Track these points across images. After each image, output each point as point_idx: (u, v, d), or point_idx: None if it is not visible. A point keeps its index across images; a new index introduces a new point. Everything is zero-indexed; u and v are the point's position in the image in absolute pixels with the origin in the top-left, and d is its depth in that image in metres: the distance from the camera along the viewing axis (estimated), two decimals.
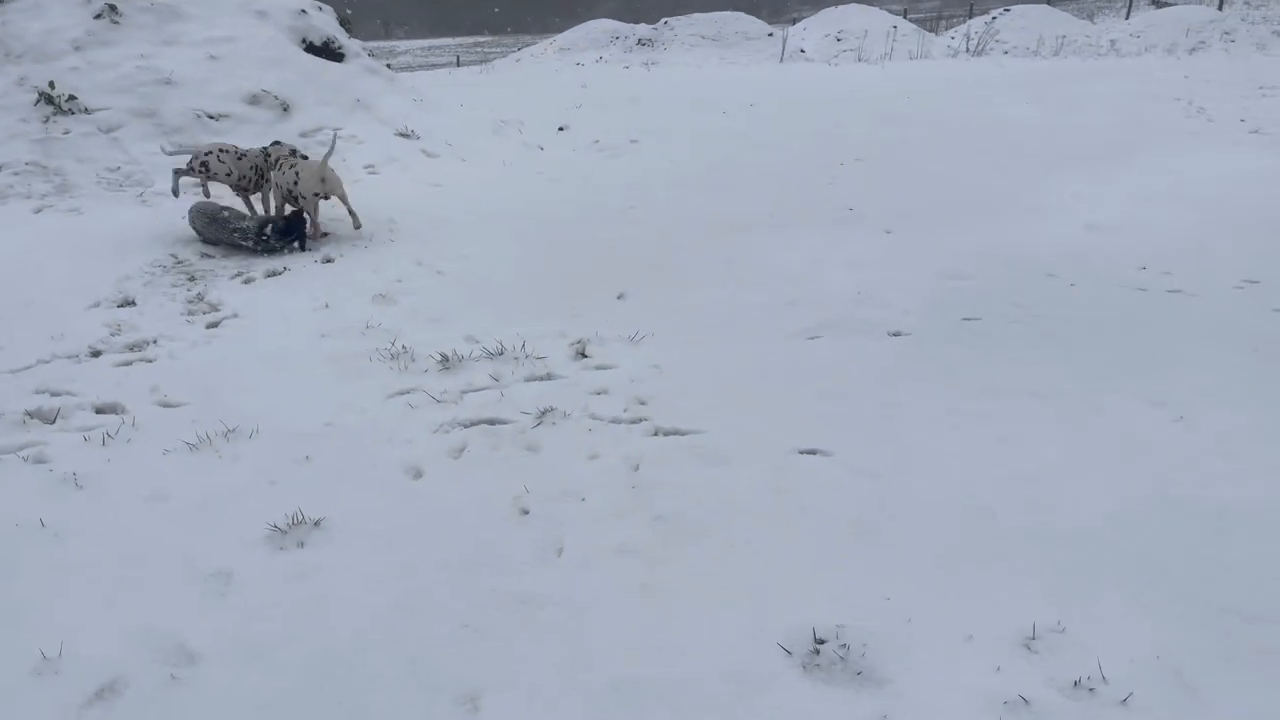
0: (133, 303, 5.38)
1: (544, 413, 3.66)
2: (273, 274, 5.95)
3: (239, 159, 6.82)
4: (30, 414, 3.71)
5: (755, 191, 8.26)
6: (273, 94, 9.48)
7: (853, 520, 2.90)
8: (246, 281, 5.82)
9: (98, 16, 9.56)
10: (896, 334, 4.61)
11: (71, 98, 8.61)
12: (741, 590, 2.57)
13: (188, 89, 9.20)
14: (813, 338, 4.57)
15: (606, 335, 4.58)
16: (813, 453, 3.35)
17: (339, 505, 3.02)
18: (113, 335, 4.82)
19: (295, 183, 6.47)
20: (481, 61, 34.77)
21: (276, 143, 7.06)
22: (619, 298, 5.34)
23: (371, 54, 12.60)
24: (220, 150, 6.76)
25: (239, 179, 6.83)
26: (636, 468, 3.24)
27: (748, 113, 14.01)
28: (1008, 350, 4.32)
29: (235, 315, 5.11)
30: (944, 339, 4.51)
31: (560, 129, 12.49)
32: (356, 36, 14.38)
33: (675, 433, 3.52)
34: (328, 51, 10.82)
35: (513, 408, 3.75)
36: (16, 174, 7.87)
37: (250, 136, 9.01)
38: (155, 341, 4.69)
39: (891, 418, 3.67)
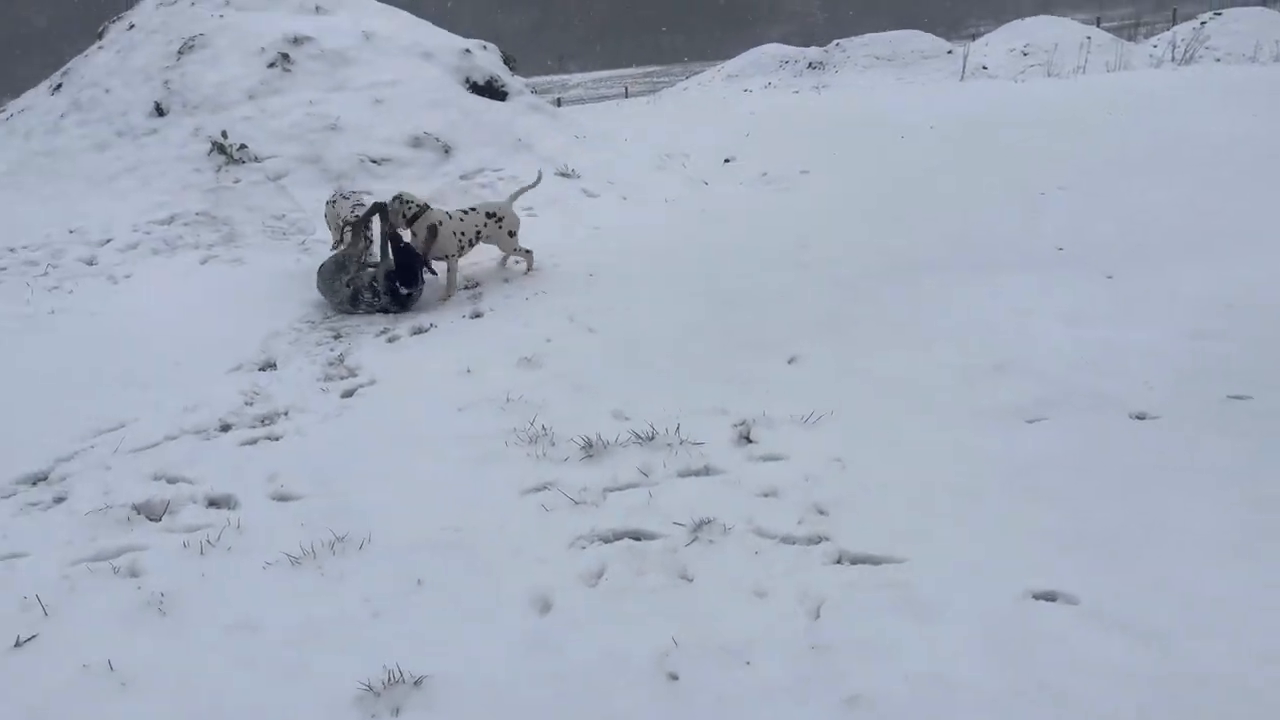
0: (274, 365, 5.12)
1: (700, 525, 3.00)
2: (419, 331, 5.59)
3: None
4: (138, 509, 3.37)
5: (942, 226, 7.37)
6: (434, 136, 9.33)
7: (1123, 716, 2.09)
8: (390, 340, 5.47)
9: (271, 65, 9.71)
10: (1141, 416, 3.70)
11: (242, 146, 8.71)
12: None
13: (353, 134, 9.18)
14: (1033, 420, 3.72)
15: (775, 414, 3.88)
16: (1051, 597, 2.55)
17: (448, 651, 2.47)
18: (246, 405, 4.52)
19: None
20: (650, 92, 34.82)
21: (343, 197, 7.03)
22: (790, 362, 4.64)
23: (535, 90, 12.45)
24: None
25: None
26: (817, 613, 2.54)
27: (927, 136, 12.97)
28: None
29: (372, 382, 4.74)
30: (1207, 424, 3.56)
31: (726, 161, 11.89)
32: (531, 72, 14.34)
33: (866, 560, 2.79)
34: (490, 90, 10.66)
35: (662, 516, 3.11)
36: (187, 224, 7.96)
37: (411, 180, 8.87)
38: (286, 414, 4.35)
39: (1153, 540, 2.80)
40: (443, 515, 3.24)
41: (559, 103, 25.05)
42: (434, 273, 6.09)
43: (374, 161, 8.95)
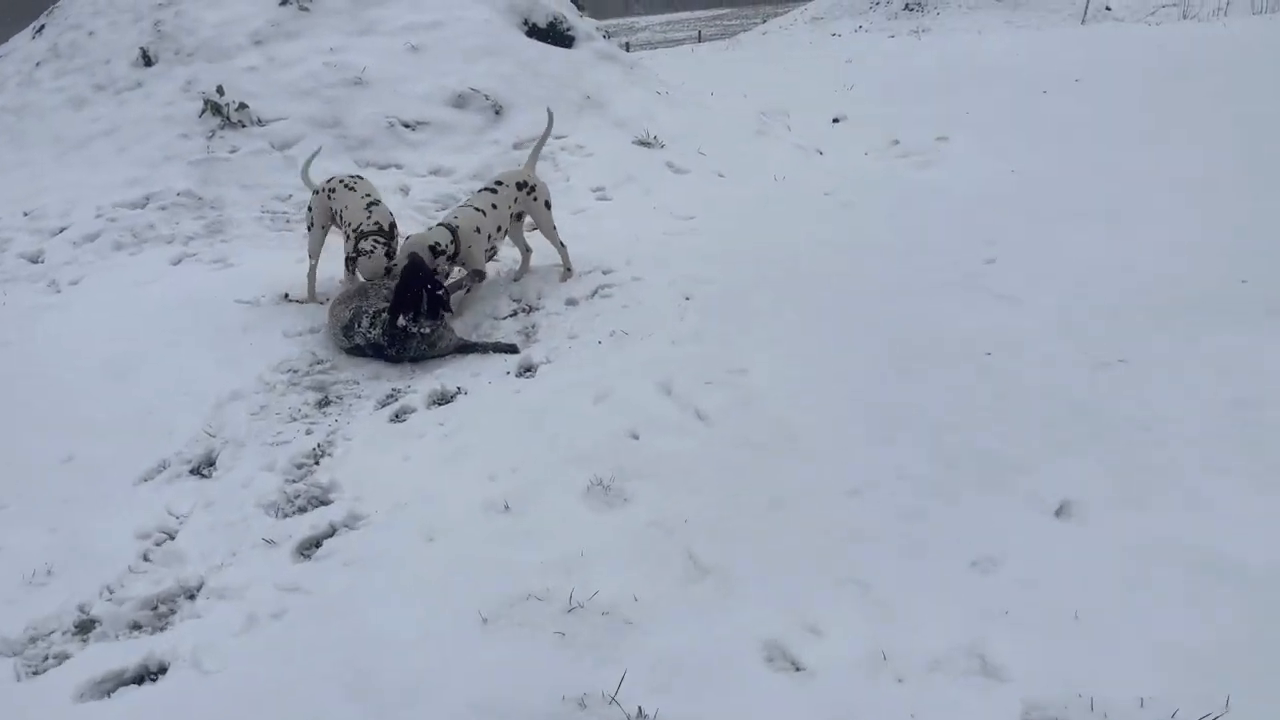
0: (213, 464, 3.32)
1: None
2: (440, 401, 3.72)
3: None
4: None
5: (1189, 231, 5.20)
6: (483, 93, 7.38)
7: None
8: (398, 416, 3.62)
9: (284, 3, 7.83)
10: None
11: (242, 106, 6.87)
12: None
13: (381, 89, 7.28)
14: None
15: (1092, 689, 1.95)
16: None
17: None
18: (142, 562, 2.73)
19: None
20: (723, 36, 32.25)
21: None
22: (1058, 514, 2.68)
23: (607, 35, 10.40)
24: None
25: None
26: None
27: (1076, 91, 10.64)
28: None
29: (354, 520, 2.89)
30: None
31: (835, 121, 9.77)
32: (594, 15, 12.27)
33: None
34: (554, 34, 8.64)
35: None
36: (163, 208, 6.17)
37: (452, 150, 6.98)
38: (193, 598, 2.54)
39: None
40: None
41: (628, 48, 22.77)
42: (449, 310, 4.20)
43: (406, 125, 7.06)
